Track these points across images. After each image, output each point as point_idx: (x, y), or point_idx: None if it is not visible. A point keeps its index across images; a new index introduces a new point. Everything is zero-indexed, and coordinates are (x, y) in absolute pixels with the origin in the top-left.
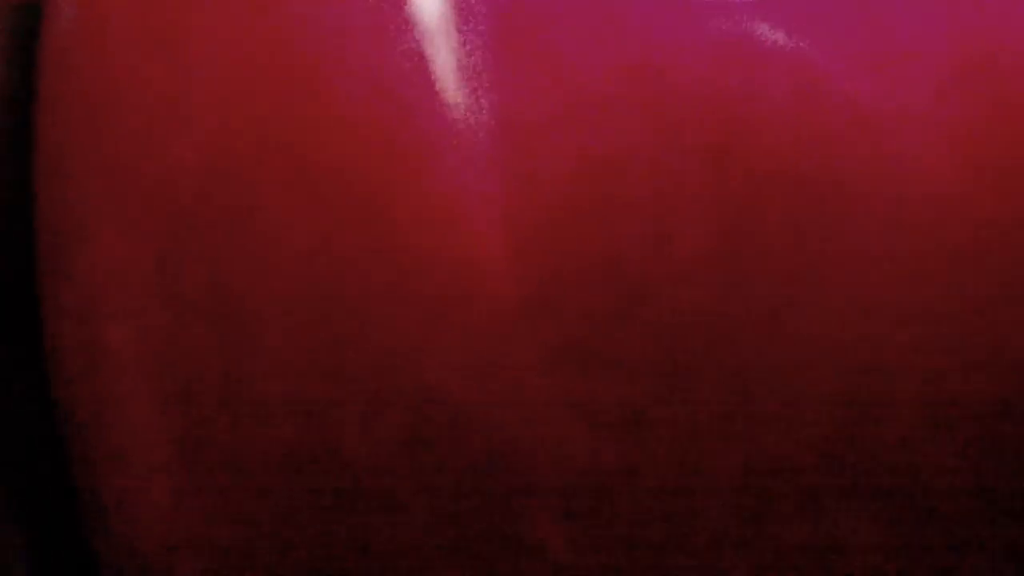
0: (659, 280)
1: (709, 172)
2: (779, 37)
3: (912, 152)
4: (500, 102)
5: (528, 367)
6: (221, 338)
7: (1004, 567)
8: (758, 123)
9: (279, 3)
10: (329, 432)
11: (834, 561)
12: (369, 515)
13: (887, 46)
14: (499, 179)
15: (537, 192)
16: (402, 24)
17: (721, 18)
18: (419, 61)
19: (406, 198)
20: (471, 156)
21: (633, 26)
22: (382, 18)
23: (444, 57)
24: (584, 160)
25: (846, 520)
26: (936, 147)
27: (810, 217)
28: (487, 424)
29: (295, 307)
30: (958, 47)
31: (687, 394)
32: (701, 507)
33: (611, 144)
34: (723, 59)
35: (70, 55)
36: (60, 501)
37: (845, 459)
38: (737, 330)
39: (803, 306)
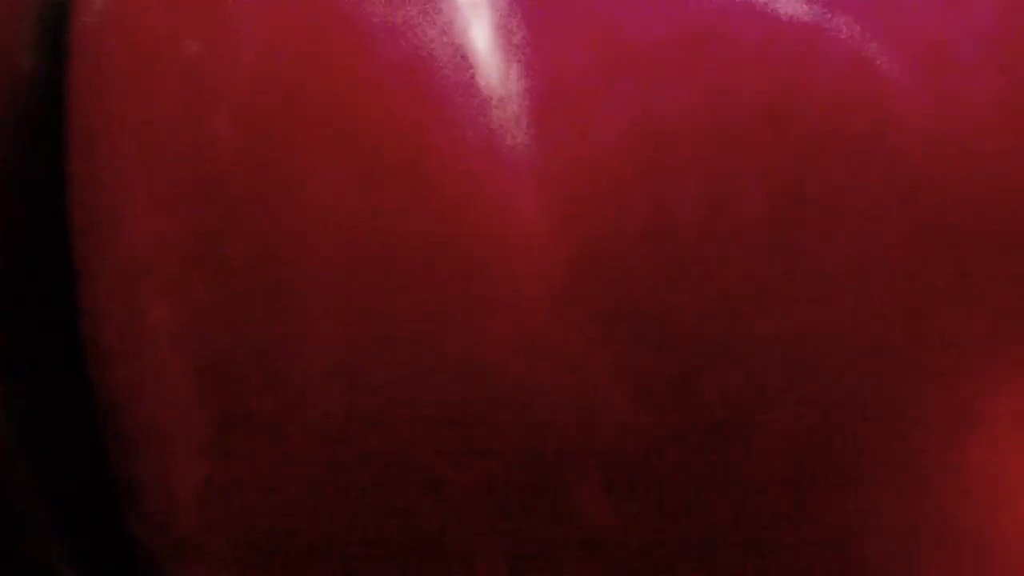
0: (711, 246)
1: (762, 137)
2: (828, 2)
3: (959, 116)
4: (541, 68)
5: (574, 336)
6: (263, 311)
7: None
8: (809, 89)
9: None
10: (373, 405)
11: (873, 538)
12: (411, 488)
13: (933, 10)
14: (543, 147)
15: (581, 160)
16: None
17: None
18: (457, 26)
19: (447, 167)
20: (515, 122)
21: None
22: None
23: (483, 21)
24: (631, 126)
25: (891, 498)
26: (983, 111)
27: (861, 182)
28: (532, 394)
29: (336, 280)
30: (1004, 10)
31: (736, 364)
32: (745, 479)
33: (659, 110)
34: (774, 25)
35: (101, 30)
36: (94, 484)
37: (896, 433)
38: (790, 297)
39: (857, 272)
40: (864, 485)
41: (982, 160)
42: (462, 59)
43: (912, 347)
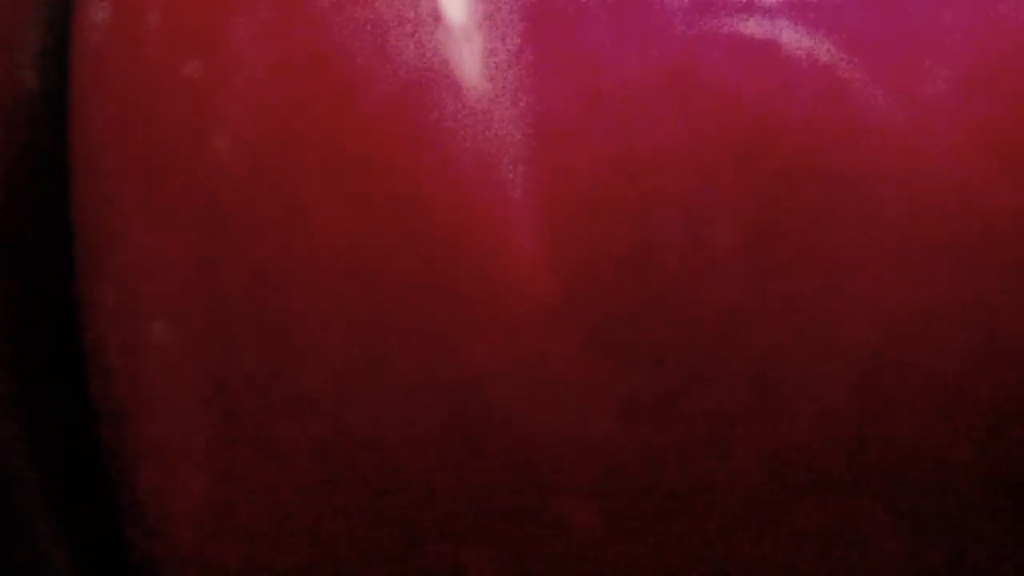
0: (690, 273)
1: (738, 169)
2: (804, 37)
3: (933, 148)
4: (532, 97)
5: (562, 358)
6: (260, 331)
7: (1009, 558)
8: (785, 122)
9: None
10: (368, 424)
11: (851, 547)
12: (405, 502)
13: (908, 42)
14: (533, 174)
15: (570, 186)
16: (434, 20)
17: (748, 19)
18: (452, 55)
19: (442, 192)
20: (505, 150)
21: (664, 25)
22: (414, 14)
23: (476, 51)
24: (614, 156)
25: (863, 508)
26: (957, 142)
27: (834, 214)
28: (521, 413)
29: (332, 301)
30: (979, 41)
31: (713, 384)
32: (723, 491)
33: (640, 141)
34: (751, 59)
35: (103, 52)
36: (94, 493)
37: (864, 448)
38: (764, 322)
39: (827, 299)
40: (836, 495)
41: (956, 191)
42: (456, 88)
43: (877, 366)
